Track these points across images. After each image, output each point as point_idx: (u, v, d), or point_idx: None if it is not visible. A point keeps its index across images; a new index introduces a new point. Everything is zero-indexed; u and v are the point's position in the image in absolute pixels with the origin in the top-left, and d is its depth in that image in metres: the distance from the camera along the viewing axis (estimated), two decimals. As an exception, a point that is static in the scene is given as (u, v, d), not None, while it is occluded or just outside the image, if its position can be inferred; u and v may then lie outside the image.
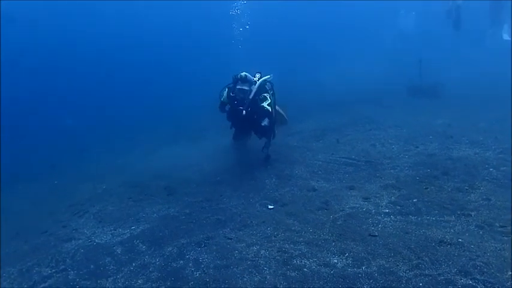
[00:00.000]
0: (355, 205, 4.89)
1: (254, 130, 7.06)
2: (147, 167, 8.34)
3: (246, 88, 6.59)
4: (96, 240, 5.15)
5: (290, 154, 7.25)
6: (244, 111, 6.40)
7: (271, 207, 5.15)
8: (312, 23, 25.57)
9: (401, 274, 3.46)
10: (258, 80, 6.89)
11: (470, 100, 10.09)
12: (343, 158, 6.66)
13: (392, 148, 6.85)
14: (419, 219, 4.42)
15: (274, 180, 6.08)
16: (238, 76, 6.67)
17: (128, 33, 22.28)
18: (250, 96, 6.59)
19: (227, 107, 7.05)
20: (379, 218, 4.51)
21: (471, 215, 4.39)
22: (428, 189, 5.11)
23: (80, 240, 5.26)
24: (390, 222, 4.41)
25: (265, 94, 6.79)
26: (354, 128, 8.59)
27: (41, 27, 20.34)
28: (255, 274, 3.73)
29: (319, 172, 6.17)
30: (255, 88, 6.66)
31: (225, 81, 7.11)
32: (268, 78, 7.08)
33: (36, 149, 12.08)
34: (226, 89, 6.96)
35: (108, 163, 9.64)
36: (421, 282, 3.32)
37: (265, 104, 6.64)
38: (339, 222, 4.49)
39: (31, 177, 9.48)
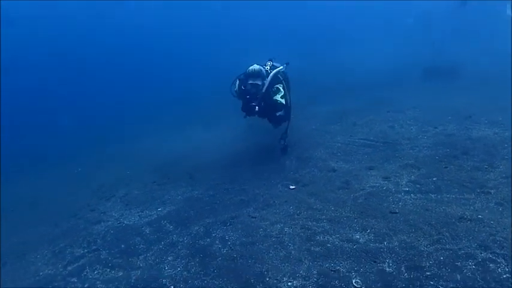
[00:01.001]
0: (375, 184, 4.99)
1: (269, 120, 6.85)
2: (167, 152, 8.57)
3: (258, 83, 6.24)
4: (125, 222, 5.37)
5: (309, 137, 7.35)
6: (257, 107, 6.13)
7: (293, 187, 5.29)
8: (329, 7, 25.38)
9: (422, 248, 3.57)
10: (269, 69, 6.69)
11: (489, 80, 9.97)
12: (361, 139, 6.73)
13: (411, 129, 6.89)
14: (439, 197, 4.50)
15: (294, 162, 6.21)
16: (251, 70, 6.30)
17: (137, 24, 22.54)
18: (263, 90, 6.32)
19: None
20: (399, 196, 4.61)
21: (490, 193, 4.44)
22: (448, 168, 5.17)
23: (109, 222, 5.49)
24: (410, 200, 4.50)
25: (278, 85, 6.50)
26: (371, 110, 8.60)
27: (40, 26, 20.67)
28: (280, 250, 3.89)
29: (338, 154, 6.27)
30: (267, 82, 6.36)
31: (236, 67, 6.87)
32: (281, 69, 6.84)
33: (54, 139, 12.39)
34: (238, 81, 6.68)
35: (128, 150, 9.89)
36: (442, 256, 3.43)
37: (278, 97, 6.38)
38: (359, 201, 4.61)
39: (53, 166, 9.78)
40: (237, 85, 6.68)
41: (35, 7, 20.06)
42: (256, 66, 6.33)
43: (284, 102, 6.41)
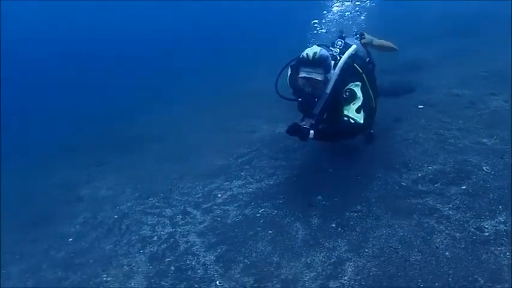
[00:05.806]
0: (498, 105, 5.57)
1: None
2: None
3: (317, 78, 3.94)
4: (276, 131, 6.66)
5: (429, 70, 7.99)
6: (311, 131, 3.96)
7: (421, 107, 6.06)
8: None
9: (543, 150, 4.32)
10: (339, 52, 4.36)
11: None
12: (482, 72, 7.03)
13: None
14: (558, 117, 5.06)
15: (419, 88, 6.88)
16: (307, 55, 3.93)
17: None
18: (328, 90, 4.07)
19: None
20: (522, 114, 5.22)
21: None
22: None
23: (262, 132, 6.83)
24: (532, 118, 5.12)
25: (354, 86, 4.12)
26: (482, 46, 8.77)
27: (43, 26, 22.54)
28: (417, 147, 4.85)
29: (460, 83, 6.79)
30: (334, 76, 4.09)
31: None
32: (356, 49, 4.48)
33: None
34: (289, 70, 4.57)
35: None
36: (560, 156, 4.16)
37: (352, 111, 4.04)
38: (485, 117, 5.31)
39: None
40: (288, 76, 4.64)
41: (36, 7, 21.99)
42: (315, 49, 3.96)
43: (362, 121, 4.09)
